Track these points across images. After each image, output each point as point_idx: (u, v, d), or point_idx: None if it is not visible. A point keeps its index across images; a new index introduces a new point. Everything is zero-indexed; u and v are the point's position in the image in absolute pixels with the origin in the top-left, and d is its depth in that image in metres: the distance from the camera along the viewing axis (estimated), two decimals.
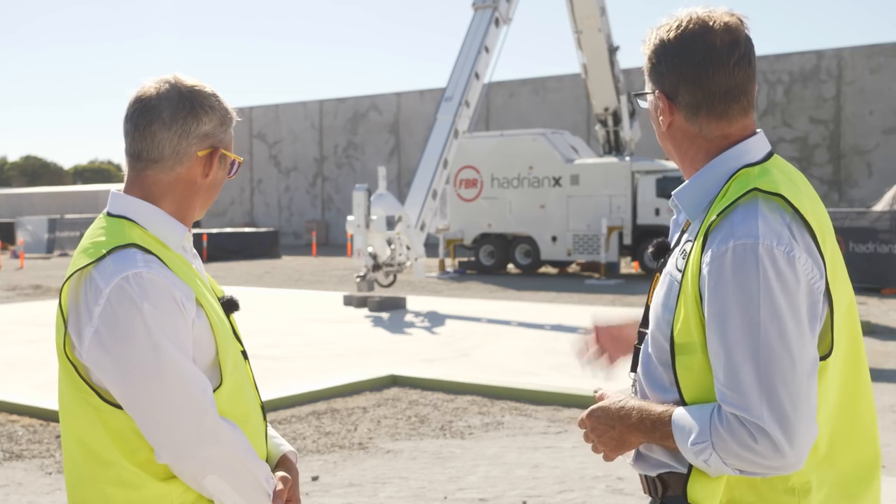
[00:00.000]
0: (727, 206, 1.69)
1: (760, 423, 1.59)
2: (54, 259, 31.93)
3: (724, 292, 1.64)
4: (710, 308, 1.66)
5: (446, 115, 17.18)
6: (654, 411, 1.75)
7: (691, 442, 1.66)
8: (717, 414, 1.65)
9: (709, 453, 1.64)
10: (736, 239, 1.64)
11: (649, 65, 1.84)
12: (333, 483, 5.78)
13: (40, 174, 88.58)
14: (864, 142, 30.65)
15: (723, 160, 1.79)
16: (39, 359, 10.26)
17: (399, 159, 40.27)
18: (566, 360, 10.15)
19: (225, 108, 1.93)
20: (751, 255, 1.63)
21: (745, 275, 1.63)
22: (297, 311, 15.22)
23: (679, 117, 1.81)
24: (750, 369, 1.61)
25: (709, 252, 1.67)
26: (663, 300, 1.79)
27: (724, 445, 1.62)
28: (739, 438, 1.61)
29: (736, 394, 1.62)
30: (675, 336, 1.73)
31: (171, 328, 1.75)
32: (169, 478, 1.79)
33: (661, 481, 1.81)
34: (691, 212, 1.82)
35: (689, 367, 1.72)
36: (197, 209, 1.95)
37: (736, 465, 1.64)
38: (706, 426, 1.65)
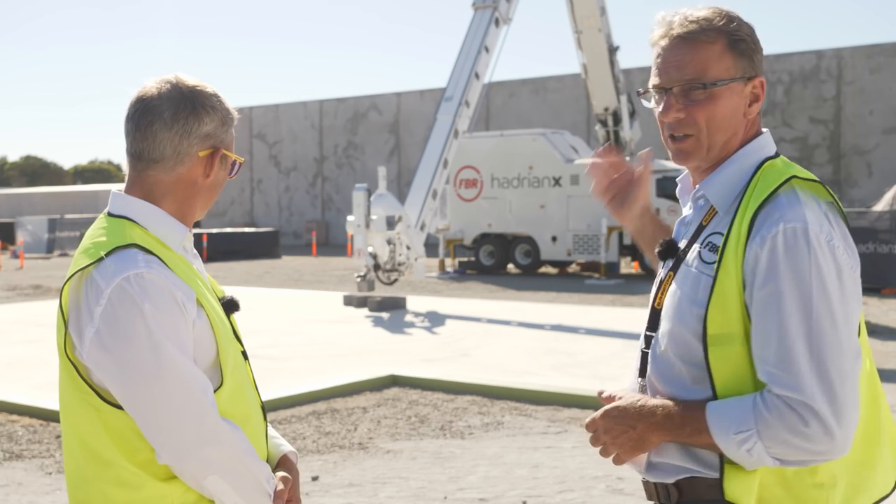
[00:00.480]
0: (769, 193, 1.71)
1: (812, 404, 1.60)
2: (54, 259, 31.93)
3: (777, 274, 1.66)
4: (763, 291, 1.67)
5: (446, 115, 17.18)
6: (681, 407, 1.73)
7: (735, 431, 1.64)
8: (761, 401, 1.65)
9: (753, 442, 1.63)
10: (786, 223, 1.67)
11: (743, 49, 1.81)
12: (333, 483, 5.78)
13: (40, 174, 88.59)
14: (864, 142, 30.65)
15: (749, 151, 1.82)
16: (39, 359, 10.27)
17: (399, 159, 40.28)
18: (566, 360, 10.16)
19: (226, 108, 1.93)
20: (802, 238, 1.66)
21: (797, 257, 1.65)
22: (297, 311, 15.22)
23: (758, 105, 1.85)
24: (803, 350, 1.63)
25: (757, 238, 1.68)
26: (689, 296, 1.77)
27: (770, 432, 1.62)
28: (789, 423, 1.61)
29: (788, 374, 1.63)
30: (708, 328, 1.71)
31: (172, 328, 1.75)
32: (169, 478, 1.79)
33: (678, 487, 1.79)
34: (721, 203, 1.81)
35: (726, 358, 1.71)
36: (198, 209, 1.94)
37: (780, 453, 1.63)
38: (749, 414, 1.64)
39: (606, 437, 1.79)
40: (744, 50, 1.80)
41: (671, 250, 1.89)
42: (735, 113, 1.81)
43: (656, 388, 1.84)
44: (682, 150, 1.85)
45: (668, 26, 1.82)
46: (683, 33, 1.80)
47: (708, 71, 1.79)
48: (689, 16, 1.81)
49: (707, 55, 1.79)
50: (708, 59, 1.79)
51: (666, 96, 1.83)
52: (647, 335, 1.89)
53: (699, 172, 1.88)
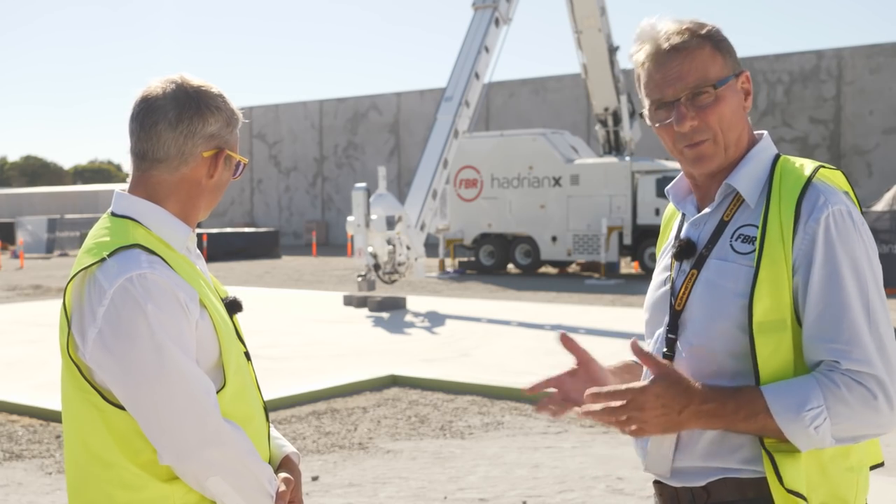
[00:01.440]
0: (806, 181, 1.77)
1: (880, 376, 1.66)
2: (54, 259, 31.93)
3: (835, 254, 1.72)
4: (823, 270, 1.71)
5: (446, 115, 17.18)
6: (734, 391, 1.71)
7: (806, 409, 1.65)
8: (825, 378, 1.67)
9: (823, 418, 1.65)
10: (833, 205, 1.73)
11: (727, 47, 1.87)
12: (333, 483, 5.78)
13: (40, 174, 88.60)
14: (864, 142, 30.66)
15: (764, 147, 1.89)
16: (39, 359, 10.26)
17: (399, 159, 40.28)
18: (566, 360, 10.14)
19: (231, 108, 1.93)
20: (848, 219, 1.74)
21: (848, 237, 1.73)
22: (297, 311, 15.22)
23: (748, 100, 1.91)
24: (865, 326, 1.70)
25: (810, 221, 1.73)
26: (728, 287, 1.78)
27: (840, 408, 1.65)
28: (860, 396, 1.65)
29: (858, 348, 1.68)
30: (754, 316, 1.73)
31: (175, 329, 1.75)
32: (171, 479, 1.79)
33: (706, 490, 1.79)
34: (751, 194, 1.85)
35: (773, 345, 1.73)
36: (201, 210, 1.94)
37: (846, 430, 1.66)
38: (816, 391, 1.66)
39: (640, 413, 1.68)
40: (727, 48, 1.87)
41: (689, 250, 1.89)
42: (738, 108, 1.87)
43: None
44: (702, 153, 1.85)
45: (655, 43, 1.85)
46: (676, 44, 1.83)
47: (709, 74, 1.83)
48: (671, 28, 1.85)
49: (703, 60, 1.83)
50: (704, 63, 1.83)
51: (676, 108, 1.83)
52: (669, 338, 1.87)
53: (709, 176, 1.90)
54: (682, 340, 1.84)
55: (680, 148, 1.87)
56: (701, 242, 1.88)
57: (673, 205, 2.03)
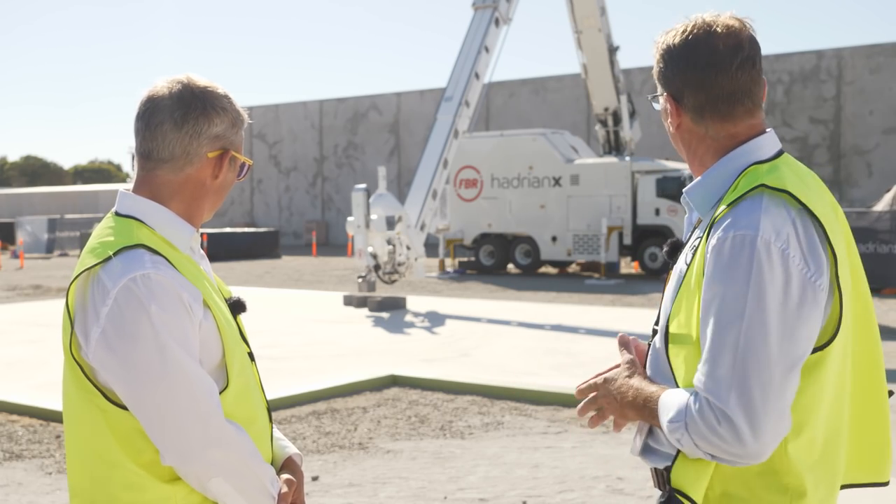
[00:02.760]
0: (734, 199, 1.73)
1: (725, 409, 1.64)
2: (54, 259, 31.93)
3: (717, 280, 1.69)
4: (705, 295, 1.71)
5: (446, 115, 17.18)
6: (647, 390, 1.82)
7: (668, 420, 1.71)
8: (693, 396, 1.69)
9: (681, 433, 1.68)
10: (736, 230, 1.69)
11: (657, 69, 1.90)
12: (333, 483, 5.78)
13: (40, 174, 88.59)
14: (864, 142, 30.66)
15: (731, 158, 1.83)
16: (39, 359, 10.27)
17: (399, 159, 40.28)
18: (566, 360, 10.16)
19: (237, 109, 1.93)
20: (748, 246, 1.66)
21: (738, 265, 1.67)
22: (297, 311, 15.22)
23: (686, 119, 1.86)
24: (728, 357, 1.65)
25: (710, 243, 1.72)
26: (672, 294, 1.84)
27: (694, 427, 1.66)
28: (707, 421, 1.65)
29: (709, 378, 1.67)
30: (669, 326, 1.79)
31: (178, 330, 1.75)
32: (174, 480, 1.79)
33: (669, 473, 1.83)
34: (701, 208, 1.86)
35: (681, 356, 1.78)
36: (205, 210, 1.94)
37: (705, 449, 1.67)
38: (683, 407, 1.69)
39: (603, 400, 1.92)
40: (666, 62, 1.87)
41: (676, 249, 1.95)
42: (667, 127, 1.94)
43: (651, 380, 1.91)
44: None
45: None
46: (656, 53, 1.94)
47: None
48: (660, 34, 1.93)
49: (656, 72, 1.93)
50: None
51: None
52: (654, 329, 1.96)
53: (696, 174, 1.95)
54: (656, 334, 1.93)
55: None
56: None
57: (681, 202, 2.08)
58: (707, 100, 1.81)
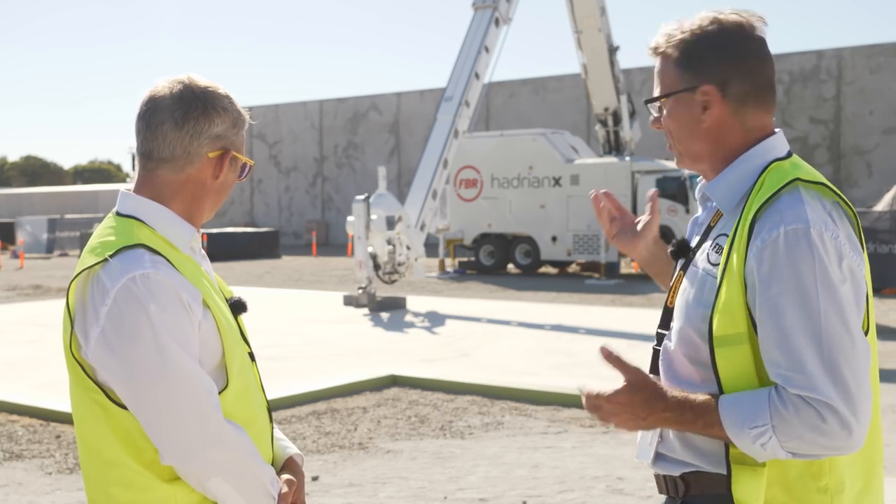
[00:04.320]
0: (770, 195, 1.72)
1: (830, 402, 1.62)
2: (54, 259, 31.93)
3: (779, 278, 1.67)
4: (765, 295, 1.68)
5: (446, 115, 17.17)
6: (695, 400, 1.74)
7: (750, 426, 1.66)
8: (776, 397, 1.66)
9: (768, 437, 1.65)
10: (786, 225, 1.68)
11: (686, 60, 1.83)
12: (333, 483, 5.78)
13: (40, 174, 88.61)
14: (864, 142, 30.66)
15: (755, 154, 1.83)
16: (39, 359, 10.27)
17: (399, 159, 40.27)
18: (566, 360, 10.16)
19: (238, 110, 1.93)
20: (803, 239, 1.67)
21: (800, 259, 1.66)
22: (297, 311, 15.22)
23: (726, 110, 1.83)
24: (813, 352, 1.65)
25: (757, 241, 1.70)
26: (695, 296, 1.80)
27: (786, 428, 1.64)
28: (807, 419, 1.63)
29: (801, 376, 1.64)
30: (714, 330, 1.73)
31: (178, 330, 1.75)
32: (173, 479, 1.79)
33: (684, 481, 1.81)
34: (725, 204, 1.83)
35: (732, 357, 1.73)
36: (206, 210, 1.94)
37: (795, 448, 1.65)
38: (765, 409, 1.66)
39: (613, 419, 1.78)
40: (691, 59, 1.83)
41: (683, 250, 1.92)
42: (690, 122, 1.86)
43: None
44: (675, 154, 1.95)
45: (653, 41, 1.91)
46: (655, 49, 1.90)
47: (665, 84, 1.88)
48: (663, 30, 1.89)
49: (666, 68, 1.87)
50: (665, 72, 1.88)
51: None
52: (658, 333, 1.92)
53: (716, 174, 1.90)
54: (666, 338, 1.88)
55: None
56: (693, 244, 1.91)
57: (697, 199, 2.03)
58: (752, 89, 1.82)
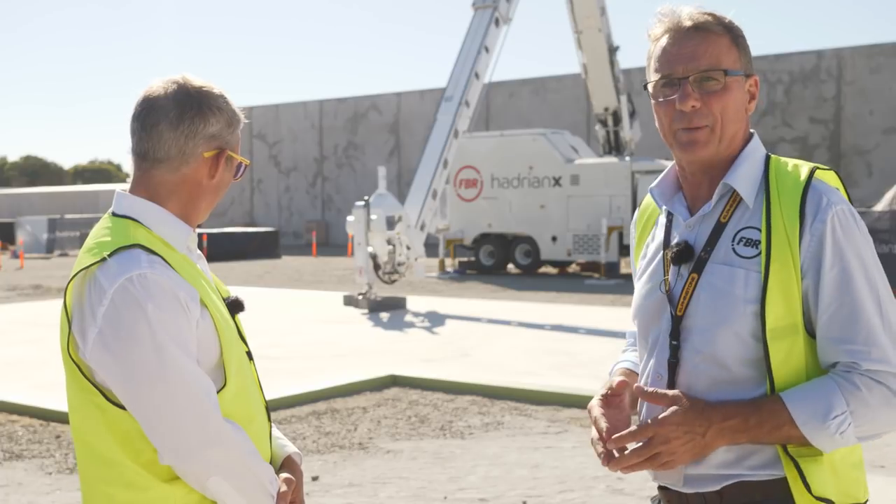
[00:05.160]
0: (806, 181, 1.76)
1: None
2: (54, 259, 31.93)
3: (843, 254, 1.71)
4: (833, 271, 1.71)
5: (446, 115, 17.16)
6: (755, 405, 1.70)
7: (831, 416, 1.65)
8: (845, 381, 1.67)
9: (847, 423, 1.65)
10: (835, 205, 1.73)
11: (743, 46, 1.84)
12: (333, 483, 5.78)
13: (40, 174, 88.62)
14: (864, 142, 30.66)
15: (754, 148, 1.88)
16: (39, 359, 10.27)
17: (399, 159, 40.27)
18: (566, 360, 10.16)
19: (233, 109, 1.93)
20: (851, 218, 1.73)
21: (854, 236, 1.73)
22: (297, 311, 15.22)
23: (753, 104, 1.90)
24: (880, 325, 1.69)
25: (816, 223, 1.72)
26: (734, 294, 1.74)
27: (864, 411, 1.65)
28: (881, 396, 1.65)
29: (876, 348, 1.67)
30: (767, 322, 1.70)
31: (175, 329, 1.75)
32: (172, 479, 1.79)
33: (719, 495, 1.76)
34: (749, 195, 1.81)
35: (786, 350, 1.71)
36: (202, 210, 1.94)
37: (868, 431, 1.67)
38: (838, 397, 1.66)
39: (665, 446, 1.68)
40: (744, 46, 1.85)
41: (688, 253, 1.84)
42: (742, 105, 1.84)
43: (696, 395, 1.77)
44: (696, 139, 1.81)
45: (676, 18, 1.83)
46: (699, 23, 1.80)
47: (721, 62, 1.80)
48: (695, 10, 1.83)
49: (719, 46, 1.80)
50: (720, 50, 1.80)
51: (682, 85, 1.80)
52: (672, 345, 1.82)
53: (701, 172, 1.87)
54: (687, 348, 1.79)
55: (675, 129, 1.83)
56: (698, 245, 1.83)
57: (658, 203, 1.96)
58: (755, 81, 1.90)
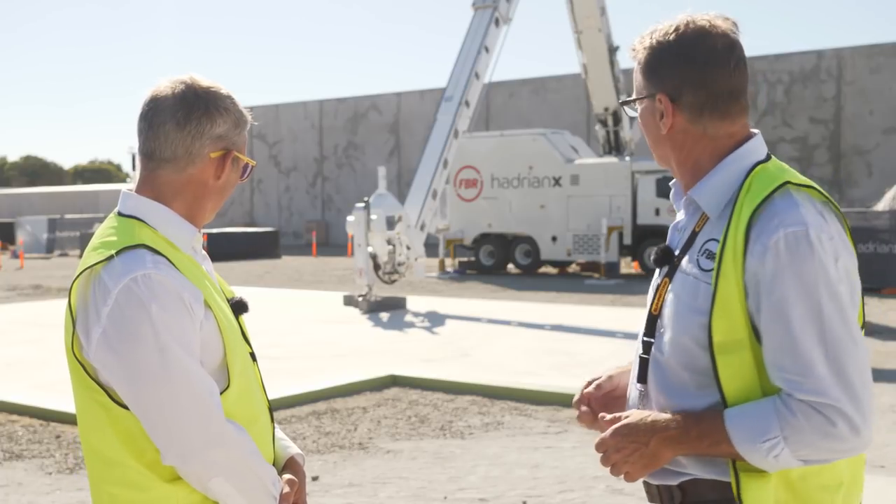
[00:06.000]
0: (763, 199, 1.72)
1: (839, 406, 1.62)
2: (54, 259, 31.93)
3: (783, 281, 1.66)
4: (770, 299, 1.67)
5: (446, 115, 17.16)
6: (696, 419, 1.73)
7: (762, 440, 1.65)
8: (783, 406, 1.65)
9: (780, 448, 1.64)
10: (786, 227, 1.67)
11: (646, 69, 1.85)
12: (333, 483, 5.78)
13: (40, 174, 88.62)
14: (864, 142, 30.65)
15: (737, 157, 1.82)
16: (39, 359, 10.27)
17: (399, 159, 40.28)
18: (566, 360, 10.16)
19: (240, 110, 1.93)
20: (804, 241, 1.66)
21: (801, 261, 1.66)
22: (297, 311, 15.22)
23: (681, 119, 1.83)
24: (820, 354, 1.64)
25: (758, 245, 1.68)
26: (688, 303, 1.77)
27: (798, 437, 1.63)
28: (816, 425, 1.63)
29: (809, 379, 1.64)
30: (714, 336, 1.71)
31: (179, 330, 1.75)
32: (175, 479, 1.79)
33: (681, 489, 1.79)
34: (712, 209, 1.81)
35: (735, 364, 1.71)
36: (208, 211, 1.94)
37: (808, 455, 1.65)
38: (773, 421, 1.65)
39: (618, 455, 1.76)
40: (655, 66, 1.84)
41: (667, 257, 1.88)
42: (653, 129, 1.87)
43: (658, 395, 1.83)
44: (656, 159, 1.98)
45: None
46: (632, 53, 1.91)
47: (635, 89, 1.91)
48: (642, 34, 1.89)
49: (636, 73, 1.90)
50: (636, 77, 1.90)
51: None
52: (644, 341, 1.88)
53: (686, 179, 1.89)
54: (656, 347, 1.85)
55: None
56: (677, 250, 1.87)
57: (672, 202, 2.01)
58: (707, 98, 1.80)
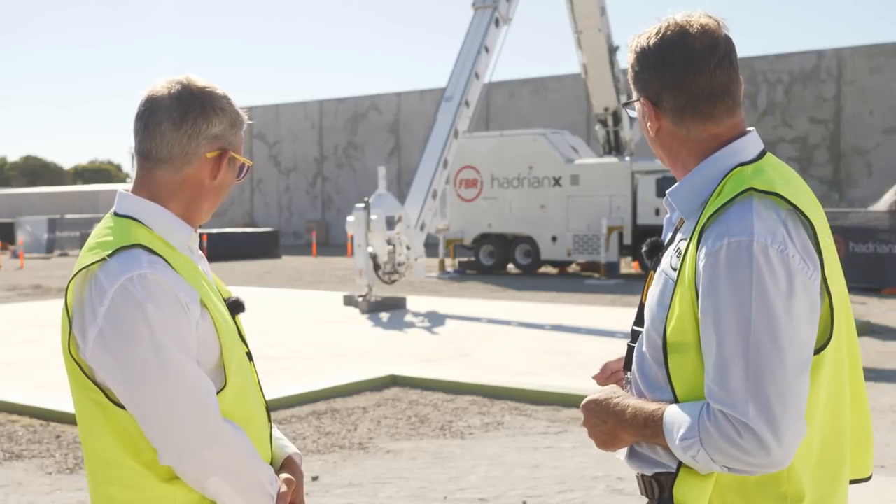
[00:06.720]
0: (722, 204, 1.70)
1: (745, 420, 1.60)
2: (54, 259, 31.94)
3: (716, 289, 1.65)
4: (703, 305, 1.67)
5: (446, 115, 17.16)
6: (647, 409, 1.75)
7: (680, 438, 1.66)
8: (705, 410, 1.65)
9: (696, 449, 1.64)
10: (730, 237, 1.65)
11: (633, 73, 1.86)
12: (333, 483, 5.78)
13: (40, 174, 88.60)
14: (864, 142, 30.66)
15: (715, 159, 1.80)
16: (39, 359, 10.27)
17: (399, 159, 40.28)
18: (566, 360, 10.16)
19: (236, 110, 1.93)
20: (745, 252, 1.64)
21: (737, 272, 1.63)
22: (297, 311, 15.22)
23: (665, 122, 1.83)
24: (739, 366, 1.62)
25: (703, 249, 1.68)
26: (658, 298, 1.80)
27: (711, 441, 1.63)
28: (725, 434, 1.61)
29: (723, 390, 1.63)
30: (667, 335, 1.74)
31: (175, 330, 1.75)
32: (172, 479, 1.79)
33: (658, 482, 1.80)
34: (686, 210, 1.83)
35: (683, 365, 1.73)
36: (204, 211, 1.95)
37: (723, 462, 1.64)
38: (695, 422, 1.65)
39: (586, 426, 1.86)
40: (639, 69, 1.84)
41: (656, 250, 1.91)
42: (646, 129, 1.89)
43: (638, 384, 1.86)
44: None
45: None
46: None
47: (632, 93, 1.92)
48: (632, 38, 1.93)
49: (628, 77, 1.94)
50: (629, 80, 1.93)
51: None
52: (634, 330, 1.92)
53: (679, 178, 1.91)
54: (641, 336, 1.88)
55: None
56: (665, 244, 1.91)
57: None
58: (687, 100, 1.78)
